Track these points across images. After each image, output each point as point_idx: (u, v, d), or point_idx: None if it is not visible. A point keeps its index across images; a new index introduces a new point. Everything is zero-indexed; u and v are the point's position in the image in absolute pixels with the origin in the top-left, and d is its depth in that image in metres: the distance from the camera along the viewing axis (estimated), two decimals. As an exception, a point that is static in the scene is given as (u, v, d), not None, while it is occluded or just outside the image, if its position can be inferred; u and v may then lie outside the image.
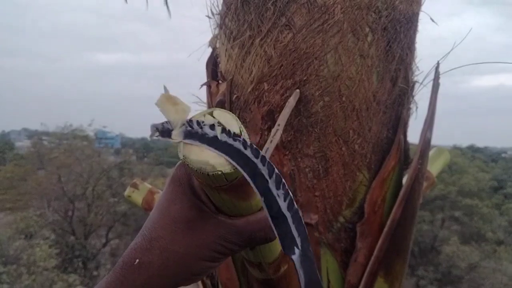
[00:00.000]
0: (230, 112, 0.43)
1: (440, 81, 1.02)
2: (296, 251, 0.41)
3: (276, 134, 0.72)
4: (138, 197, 1.32)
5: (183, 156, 0.41)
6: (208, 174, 0.41)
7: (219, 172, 0.40)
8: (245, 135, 0.43)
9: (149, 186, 1.35)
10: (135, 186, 1.34)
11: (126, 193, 1.34)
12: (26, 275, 7.71)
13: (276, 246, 0.62)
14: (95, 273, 11.61)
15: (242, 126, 0.43)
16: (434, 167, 1.33)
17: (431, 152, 1.39)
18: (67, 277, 8.94)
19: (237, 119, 0.43)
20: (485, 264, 12.15)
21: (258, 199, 0.49)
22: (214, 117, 0.43)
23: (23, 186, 13.48)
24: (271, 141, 0.71)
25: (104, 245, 12.89)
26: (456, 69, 1.09)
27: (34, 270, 8.04)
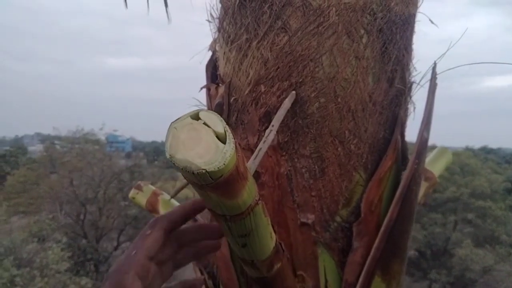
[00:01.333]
0: (216, 113, 0.45)
1: (449, 82, 1.03)
2: None
3: (270, 135, 0.73)
4: (142, 199, 1.34)
5: (170, 155, 0.43)
6: (193, 173, 0.42)
7: (203, 171, 0.42)
8: (229, 135, 0.44)
9: (153, 187, 1.37)
10: (139, 188, 1.36)
11: (130, 194, 1.37)
12: (39, 278, 7.81)
13: (267, 244, 0.63)
14: (106, 276, 11.69)
15: (226, 126, 0.45)
16: (436, 167, 1.33)
17: (433, 152, 1.39)
18: (79, 280, 9.03)
19: (222, 119, 0.45)
20: (499, 267, 11.95)
21: (245, 198, 0.50)
22: (200, 118, 0.45)
23: (36, 190, 13.69)
24: (264, 141, 0.73)
25: (116, 248, 13.00)
26: (467, 71, 1.09)
27: (46, 273, 8.14)
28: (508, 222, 13.94)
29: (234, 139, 0.45)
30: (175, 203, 1.33)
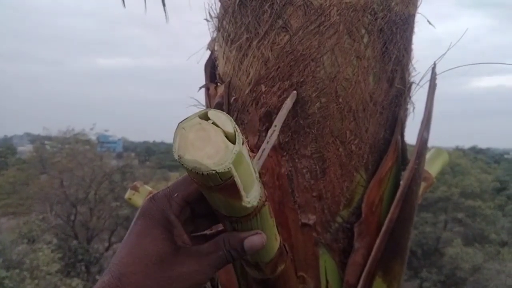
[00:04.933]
0: (225, 113, 0.44)
1: (437, 82, 1.03)
2: None
3: (273, 135, 0.72)
4: (138, 200, 1.32)
5: (178, 156, 0.42)
6: (202, 174, 0.41)
7: (213, 172, 0.41)
8: (239, 135, 0.43)
9: (150, 188, 1.35)
10: (135, 188, 1.34)
11: (126, 195, 1.35)
12: (29, 279, 7.72)
13: (272, 246, 0.62)
14: (97, 277, 11.60)
15: (236, 126, 0.44)
16: (433, 168, 1.34)
17: (430, 153, 1.40)
18: (70, 282, 8.95)
19: (231, 119, 0.44)
20: (488, 265, 12.09)
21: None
22: (209, 118, 0.44)
23: (26, 190, 13.52)
24: (267, 142, 0.72)
25: (107, 249, 12.89)
26: (454, 71, 1.10)
27: (37, 274, 8.05)
28: (497, 221, 14.12)
29: (244, 139, 0.44)
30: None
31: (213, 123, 0.43)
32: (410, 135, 1.05)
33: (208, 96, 1.05)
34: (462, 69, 1.10)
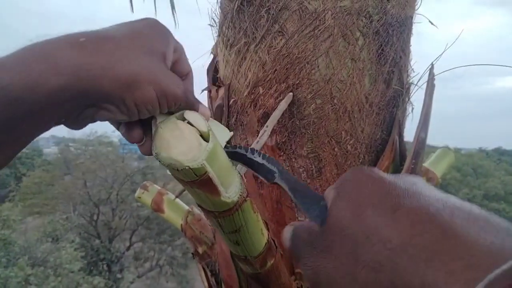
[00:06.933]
0: (199, 114, 0.48)
1: (461, 82, 1.04)
2: (275, 174, 0.48)
3: (263, 136, 0.75)
4: (147, 198, 1.37)
5: (155, 153, 0.45)
6: (178, 170, 0.45)
7: (187, 167, 0.44)
8: (212, 134, 0.47)
9: (158, 187, 1.40)
10: (145, 187, 1.39)
11: (136, 194, 1.40)
12: (52, 277, 7.97)
13: (259, 240, 0.65)
14: (119, 275, 11.87)
15: (210, 125, 0.47)
16: (439, 168, 1.34)
17: (436, 153, 1.40)
18: (92, 280, 9.18)
19: (205, 120, 0.47)
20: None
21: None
22: (185, 118, 0.47)
23: (51, 191, 13.92)
24: (257, 142, 0.75)
25: (128, 248, 13.14)
26: (478, 71, 1.10)
27: (60, 272, 8.29)
28: (523, 224, 13.68)
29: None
30: (180, 202, 1.35)
31: (188, 122, 0.46)
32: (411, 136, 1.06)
33: (210, 98, 1.08)
34: (486, 69, 1.11)
